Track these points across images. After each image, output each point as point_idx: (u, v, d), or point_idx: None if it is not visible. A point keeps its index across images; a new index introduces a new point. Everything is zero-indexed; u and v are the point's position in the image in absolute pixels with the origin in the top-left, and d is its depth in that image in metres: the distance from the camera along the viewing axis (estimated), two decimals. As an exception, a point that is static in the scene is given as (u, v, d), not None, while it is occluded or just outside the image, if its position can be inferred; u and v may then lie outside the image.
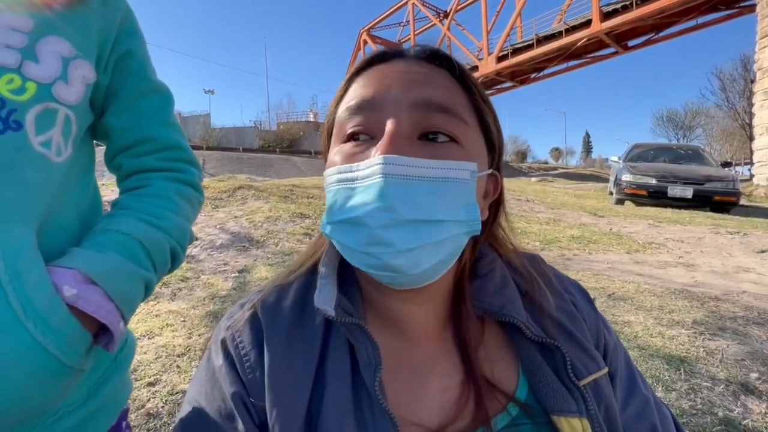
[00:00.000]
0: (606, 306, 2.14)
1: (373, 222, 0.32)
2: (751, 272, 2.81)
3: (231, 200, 4.77)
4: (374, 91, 0.37)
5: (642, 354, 1.64)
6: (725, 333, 1.82)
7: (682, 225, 4.71)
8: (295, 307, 0.40)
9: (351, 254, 0.36)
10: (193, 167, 0.55)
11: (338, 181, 0.36)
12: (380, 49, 0.41)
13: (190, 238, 0.53)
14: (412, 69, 0.37)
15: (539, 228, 4.34)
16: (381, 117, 0.35)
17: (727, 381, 1.48)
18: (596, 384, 0.39)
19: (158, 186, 0.51)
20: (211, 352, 0.40)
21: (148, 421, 1.23)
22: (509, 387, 0.39)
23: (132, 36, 0.51)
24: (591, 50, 18.05)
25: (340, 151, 0.37)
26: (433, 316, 0.41)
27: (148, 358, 1.56)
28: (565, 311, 0.43)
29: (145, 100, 0.52)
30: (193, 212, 0.55)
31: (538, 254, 0.49)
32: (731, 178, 6.61)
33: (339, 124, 0.39)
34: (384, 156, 0.32)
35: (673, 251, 3.50)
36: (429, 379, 0.39)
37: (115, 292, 0.41)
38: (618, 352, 0.45)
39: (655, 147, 8.46)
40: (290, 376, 0.36)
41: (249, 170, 15.71)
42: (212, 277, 2.51)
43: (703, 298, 2.22)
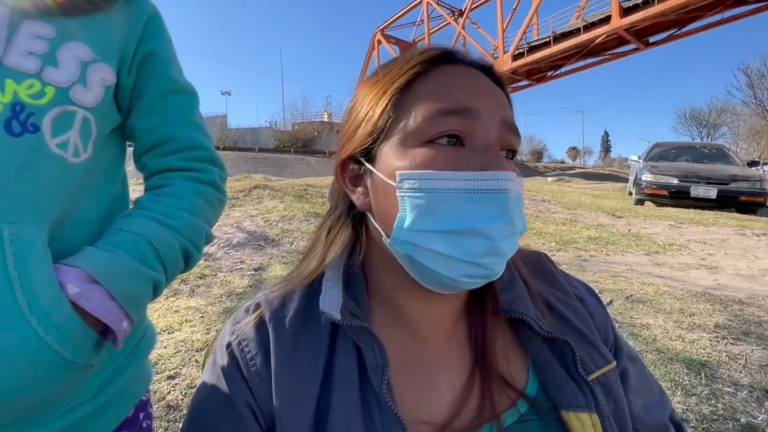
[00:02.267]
0: (624, 308, 2.10)
1: (497, 235, 0.33)
2: (778, 275, 2.71)
3: (247, 199, 4.86)
4: (471, 100, 0.36)
5: (661, 358, 1.60)
6: (749, 337, 1.76)
7: (705, 226, 4.56)
8: (300, 311, 0.40)
9: (451, 265, 0.34)
10: (213, 166, 0.56)
11: (447, 188, 0.34)
12: (442, 48, 0.40)
13: (208, 237, 0.53)
14: (492, 86, 0.39)
15: (555, 228, 4.27)
16: (476, 127, 0.36)
17: (750, 387, 1.44)
18: (605, 378, 0.39)
19: (176, 186, 0.52)
20: (216, 356, 0.40)
21: (168, 412, 1.27)
22: (520, 383, 0.39)
23: (156, 38, 0.52)
24: (610, 47, 17.60)
25: (434, 155, 0.35)
26: (449, 314, 0.42)
27: (168, 352, 1.61)
28: (571, 307, 0.43)
29: (168, 101, 0.53)
30: (213, 211, 0.55)
31: (543, 252, 0.50)
32: (758, 177, 6.35)
33: (423, 119, 0.36)
34: (507, 173, 0.34)
35: (695, 253, 3.40)
36: (438, 377, 0.39)
37: (118, 292, 0.42)
38: (623, 349, 0.45)
39: (677, 146, 8.20)
40: (297, 380, 0.36)
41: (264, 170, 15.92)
42: (229, 275, 2.57)
43: (726, 302, 2.15)
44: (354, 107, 0.42)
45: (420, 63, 0.38)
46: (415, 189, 0.34)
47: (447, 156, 0.35)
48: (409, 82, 0.38)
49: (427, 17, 24.41)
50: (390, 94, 0.38)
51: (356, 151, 0.40)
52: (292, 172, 16.79)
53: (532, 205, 5.70)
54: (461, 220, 0.33)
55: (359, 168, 0.41)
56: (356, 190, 0.41)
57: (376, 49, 28.44)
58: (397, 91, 0.38)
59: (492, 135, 0.36)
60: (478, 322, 0.42)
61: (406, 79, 0.38)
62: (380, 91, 0.39)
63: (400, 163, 0.36)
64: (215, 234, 3.42)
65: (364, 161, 0.40)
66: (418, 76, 0.38)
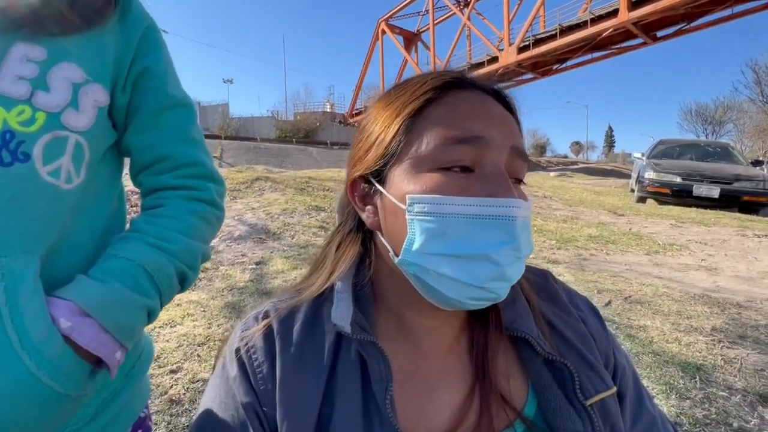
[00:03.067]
0: (622, 309, 2.11)
1: (504, 260, 0.34)
2: (777, 278, 2.72)
3: (249, 191, 4.86)
4: (483, 128, 0.37)
5: (657, 360, 1.62)
6: (745, 341, 1.78)
7: (706, 226, 4.56)
8: (307, 322, 0.41)
9: (457, 288, 0.35)
10: (210, 183, 0.54)
11: (456, 213, 0.35)
12: (455, 73, 0.41)
13: (204, 256, 0.53)
14: (504, 112, 0.40)
15: (556, 226, 4.27)
16: (487, 155, 0.37)
17: (744, 391, 1.45)
18: (603, 403, 0.39)
19: (172, 206, 0.51)
20: (226, 360, 0.42)
21: (170, 407, 1.29)
22: (518, 403, 0.40)
23: (152, 52, 0.51)
24: (617, 41, 17.38)
25: (445, 181, 0.36)
26: (451, 329, 0.43)
27: (170, 346, 1.63)
28: (574, 329, 0.44)
29: (163, 117, 0.52)
30: (210, 229, 0.54)
31: (548, 270, 0.50)
32: (762, 177, 6.32)
33: (434, 146, 0.37)
34: (515, 199, 0.35)
35: (696, 253, 3.40)
36: (439, 392, 0.40)
37: (110, 323, 0.42)
38: (627, 371, 0.45)
39: (682, 144, 8.16)
40: (301, 389, 0.37)
41: (266, 160, 15.88)
42: (230, 269, 2.58)
43: (724, 304, 2.16)
44: (366, 127, 0.43)
45: (432, 89, 0.39)
46: (424, 213, 0.35)
47: (457, 182, 0.36)
48: (422, 108, 0.39)
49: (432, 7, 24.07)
50: (402, 119, 0.39)
51: (367, 171, 0.41)
52: (293, 163, 16.76)
53: (534, 202, 5.67)
54: (469, 245, 0.34)
55: (369, 188, 0.42)
56: (366, 208, 0.43)
57: (380, 39, 28.12)
58: (409, 116, 0.39)
59: (501, 162, 0.37)
60: (480, 337, 0.42)
61: (418, 104, 0.39)
62: (393, 114, 0.40)
63: (411, 187, 0.37)
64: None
65: (375, 182, 0.41)
66: (431, 102, 0.39)
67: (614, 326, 1.91)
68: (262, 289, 2.26)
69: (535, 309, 0.44)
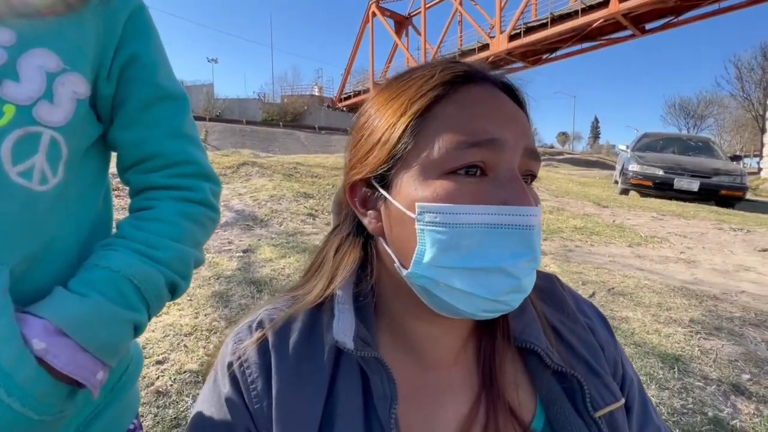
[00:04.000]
0: (605, 301, 2.17)
1: (521, 273, 0.33)
2: (751, 271, 2.83)
3: (235, 176, 4.76)
4: (496, 130, 0.34)
5: (638, 351, 1.68)
6: (721, 333, 1.85)
7: (685, 219, 4.70)
8: (305, 334, 0.39)
9: (470, 301, 0.33)
10: (205, 182, 0.50)
11: (470, 223, 0.32)
12: (465, 66, 0.37)
13: (197, 262, 0.49)
14: (515, 109, 0.37)
15: (543, 217, 4.31)
16: (500, 158, 0.34)
17: (719, 381, 1.52)
18: (612, 416, 0.38)
19: (162, 208, 0.46)
20: (218, 375, 0.39)
21: (157, 398, 1.27)
22: (527, 416, 0.39)
23: (140, 37, 0.46)
24: (607, 32, 17.46)
25: (457, 187, 0.33)
26: (457, 338, 0.41)
27: (156, 336, 1.60)
28: (580, 337, 0.43)
29: (153, 110, 0.47)
30: (204, 232, 0.50)
31: (554, 274, 0.49)
32: (739, 172, 6.53)
33: (446, 150, 0.34)
34: (532, 208, 0.33)
35: (675, 246, 3.51)
36: (444, 405, 0.39)
37: (90, 342, 0.38)
38: (634, 382, 0.44)
39: (665, 137, 8.32)
40: (299, 406, 0.35)
41: (252, 144, 15.56)
42: (217, 257, 2.54)
43: (701, 297, 2.24)
44: (366, 124, 0.39)
45: (440, 84, 0.36)
46: (436, 223, 0.33)
47: (470, 188, 0.33)
48: (430, 105, 0.35)
49: (424, -10, 23.60)
50: (409, 118, 0.35)
51: (370, 175, 0.38)
52: (281, 147, 16.47)
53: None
54: (485, 258, 0.32)
55: (372, 192, 0.39)
56: (368, 213, 0.40)
57: (370, 21, 27.53)
58: (416, 115, 0.35)
59: (515, 165, 0.35)
60: (488, 346, 0.41)
61: (426, 102, 0.35)
62: (398, 111, 0.36)
63: (421, 194, 0.34)
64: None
65: (378, 187, 0.38)
66: (440, 99, 0.35)
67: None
68: (249, 277, 2.23)
69: (541, 317, 0.42)
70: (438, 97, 0.35)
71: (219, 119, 22.61)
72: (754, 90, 24.40)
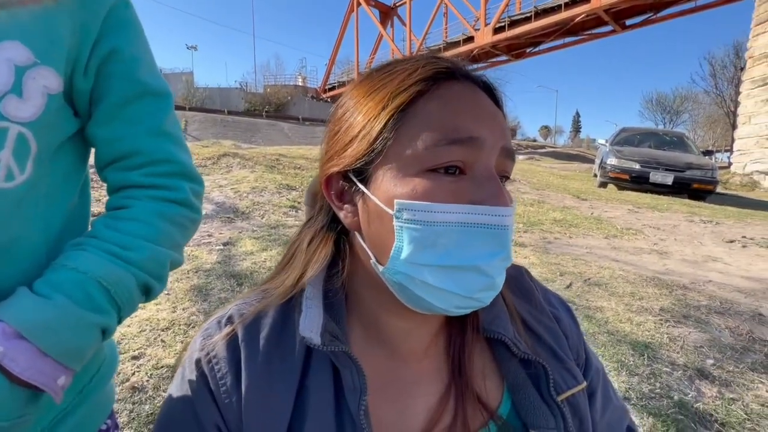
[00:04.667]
0: (581, 291, 2.23)
1: (495, 271, 0.34)
2: (718, 262, 2.96)
3: (215, 168, 4.66)
4: (476, 128, 0.35)
5: (611, 339, 1.74)
6: (688, 321, 1.94)
7: (659, 212, 4.86)
8: (275, 328, 0.39)
9: (445, 298, 0.34)
10: (185, 182, 0.49)
11: (448, 222, 0.33)
12: (447, 63, 0.38)
13: (174, 264, 0.48)
14: (494, 108, 0.38)
15: (524, 209, 4.41)
16: (479, 156, 0.35)
17: (685, 366, 1.59)
18: (574, 398, 0.40)
19: (138, 208, 0.45)
20: (186, 371, 0.39)
21: (132, 394, 1.25)
22: (493, 402, 0.40)
23: (121, 32, 0.44)
24: (588, 27, 17.72)
25: (435, 185, 0.34)
26: (428, 331, 0.42)
27: (131, 332, 1.57)
28: (546, 326, 0.44)
29: (133, 107, 0.46)
30: (183, 234, 0.49)
31: (524, 267, 0.50)
32: (710, 166, 6.79)
33: (426, 147, 0.34)
34: (508, 208, 0.34)
35: (649, 238, 3.63)
36: (414, 397, 0.40)
37: (52, 346, 0.37)
38: (597, 368, 0.47)
39: (642, 132, 8.56)
40: (269, 401, 0.35)
41: (234, 134, 15.23)
42: (196, 249, 2.49)
43: (672, 286, 2.33)
44: (345, 116, 0.39)
45: (422, 80, 0.36)
46: (414, 221, 0.33)
47: (448, 186, 0.34)
48: (412, 100, 0.36)
49: (410, -20, 23.35)
50: (390, 112, 0.35)
51: (347, 168, 0.38)
52: (263, 138, 16.18)
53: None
54: (460, 256, 0.33)
55: (350, 186, 0.39)
56: (344, 207, 0.39)
57: (355, 10, 27.14)
58: (397, 110, 0.35)
59: (492, 164, 0.36)
60: (458, 338, 0.42)
61: (408, 96, 0.35)
62: (378, 105, 0.36)
63: (399, 190, 0.34)
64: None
65: (356, 181, 0.38)
66: (421, 95, 0.36)
67: (574, 307, 2.02)
68: (229, 271, 2.20)
69: (510, 307, 0.44)
70: (420, 93, 0.35)
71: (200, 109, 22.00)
72: (726, 87, 25.30)
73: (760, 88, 10.19)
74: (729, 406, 1.39)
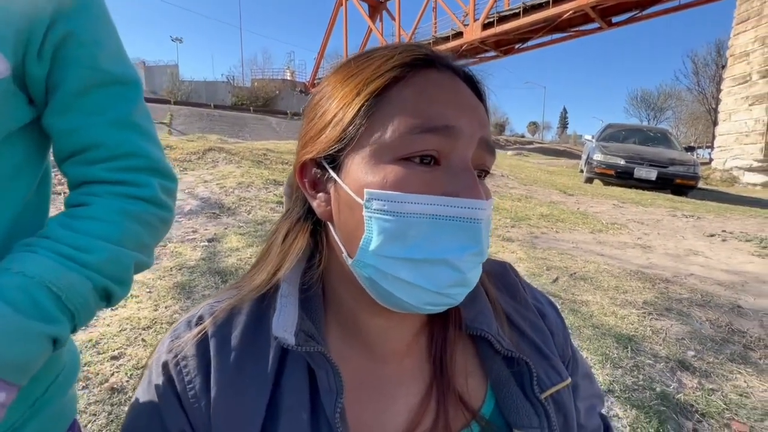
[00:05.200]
0: (568, 285, 2.25)
1: (466, 266, 0.33)
2: (699, 255, 3.02)
3: (201, 163, 4.56)
4: (453, 117, 0.33)
5: (595, 332, 1.76)
6: (671, 313, 1.98)
7: (643, 206, 4.96)
8: (248, 327, 0.37)
9: (414, 293, 0.33)
10: (154, 177, 0.46)
11: (419, 213, 0.32)
12: (426, 50, 0.36)
13: (140, 266, 0.44)
14: (474, 99, 0.37)
15: (511, 204, 4.44)
16: (454, 147, 0.33)
17: (667, 358, 1.62)
18: (558, 395, 0.40)
19: (98, 205, 0.42)
20: (152, 375, 0.37)
21: (111, 395, 1.21)
22: (476, 402, 0.39)
23: (79, 14, 0.41)
24: (576, 24, 17.88)
25: (408, 174, 0.32)
26: (408, 330, 0.40)
27: (111, 331, 1.52)
28: (531, 323, 0.44)
29: (94, 96, 0.42)
30: (151, 233, 0.45)
31: (508, 263, 0.49)
32: (692, 162, 6.94)
33: (399, 134, 0.33)
34: (482, 201, 0.33)
35: (633, 232, 3.70)
36: (395, 397, 0.38)
37: None
38: (580, 364, 0.46)
39: (627, 128, 8.71)
40: (240, 404, 0.34)
41: (221, 129, 14.96)
42: (180, 246, 2.44)
43: (655, 280, 2.38)
44: (320, 102, 0.38)
45: (399, 66, 0.34)
46: (384, 211, 0.32)
47: (421, 176, 0.33)
48: (386, 87, 0.34)
49: (399, -26, 23.19)
50: (363, 98, 0.34)
51: (320, 155, 0.36)
52: (251, 133, 15.94)
53: (491, 180, 5.87)
54: (431, 250, 0.32)
55: (323, 174, 0.37)
56: (317, 196, 0.38)
57: (344, 4, 26.86)
58: (371, 95, 0.34)
59: (469, 156, 0.34)
60: (440, 336, 0.41)
61: (382, 82, 0.34)
62: (353, 91, 0.35)
63: (370, 178, 0.33)
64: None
65: (329, 168, 0.36)
66: (397, 81, 0.34)
67: (560, 302, 2.04)
68: (214, 267, 2.16)
69: (494, 303, 0.43)
70: (395, 79, 0.34)
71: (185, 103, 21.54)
72: (708, 85, 25.87)
73: (740, 85, 10.45)
74: (709, 397, 1.42)
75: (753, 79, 10.08)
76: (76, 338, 1.47)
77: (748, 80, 10.20)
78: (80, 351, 1.40)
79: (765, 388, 1.47)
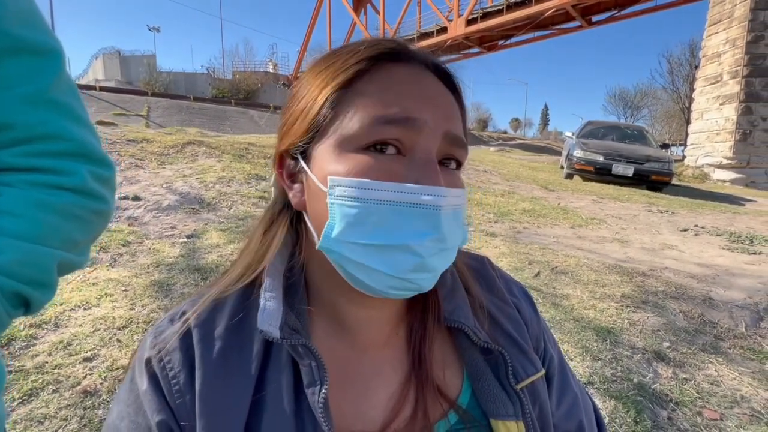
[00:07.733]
0: (549, 279, 2.29)
1: (426, 251, 0.33)
2: (673, 249, 3.13)
3: (179, 157, 4.43)
4: (416, 110, 0.34)
5: (576, 326, 1.80)
6: (647, 306, 2.04)
7: (621, 202, 5.09)
8: (232, 320, 0.37)
9: (377, 278, 0.33)
10: (82, 164, 0.40)
11: (378, 200, 0.32)
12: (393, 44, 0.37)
13: (66, 266, 0.40)
14: (441, 92, 0.37)
15: (494, 200, 4.49)
16: (418, 139, 0.34)
17: (643, 350, 1.67)
18: (533, 385, 0.41)
19: (8, 197, 0.36)
20: (135, 372, 0.37)
21: (84, 399, 1.17)
22: (453, 392, 0.40)
23: None
24: (557, 22, 18.17)
25: (370, 163, 0.33)
26: (388, 320, 0.41)
27: (83, 332, 1.46)
28: (508, 315, 0.45)
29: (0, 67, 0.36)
30: (82, 228, 0.40)
31: (486, 257, 0.50)
32: (667, 159, 7.18)
33: (362, 125, 0.33)
34: (441, 188, 0.33)
35: (611, 227, 3.79)
36: (375, 387, 0.39)
37: None
38: (554, 355, 0.47)
39: (606, 125, 8.92)
40: (225, 398, 0.34)
41: (201, 122, 14.57)
42: (158, 242, 2.36)
43: (632, 273, 2.44)
44: (296, 95, 0.39)
45: (365, 59, 0.35)
46: (345, 197, 0.33)
47: (383, 165, 0.33)
48: (352, 80, 0.35)
49: (383, -33, 22.99)
50: (330, 90, 0.35)
51: (292, 147, 0.38)
52: (232, 127, 15.59)
53: (475, 176, 5.92)
54: (389, 235, 0.32)
55: (295, 165, 0.38)
56: (293, 186, 0.39)
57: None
58: (338, 87, 0.35)
59: (432, 149, 0.35)
60: (419, 328, 0.42)
61: (348, 76, 0.35)
62: (321, 84, 0.36)
63: (334, 167, 0.34)
64: (142, 195, 3.11)
65: (300, 159, 0.37)
66: (362, 74, 0.35)
67: (542, 295, 2.07)
68: (194, 264, 2.10)
69: (474, 297, 0.44)
70: (361, 72, 0.35)
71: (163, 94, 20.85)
72: (682, 84, 26.72)
73: (711, 85, 10.84)
74: (682, 386, 1.47)
75: (724, 79, 10.47)
76: (45, 339, 1.41)
77: (719, 80, 10.59)
78: (49, 353, 1.33)
79: (734, 376, 1.54)
